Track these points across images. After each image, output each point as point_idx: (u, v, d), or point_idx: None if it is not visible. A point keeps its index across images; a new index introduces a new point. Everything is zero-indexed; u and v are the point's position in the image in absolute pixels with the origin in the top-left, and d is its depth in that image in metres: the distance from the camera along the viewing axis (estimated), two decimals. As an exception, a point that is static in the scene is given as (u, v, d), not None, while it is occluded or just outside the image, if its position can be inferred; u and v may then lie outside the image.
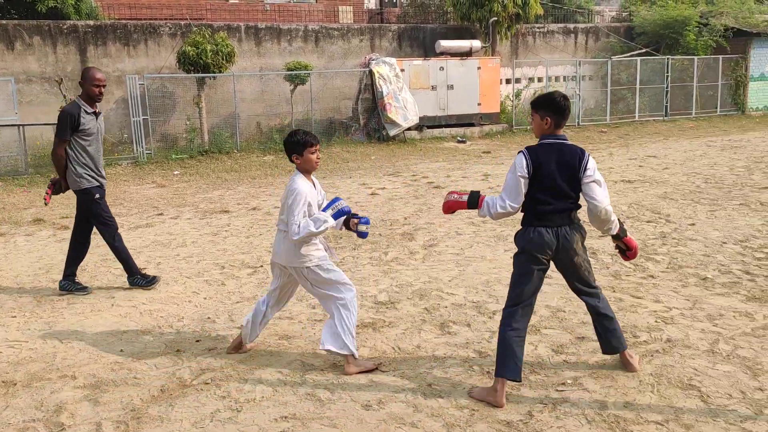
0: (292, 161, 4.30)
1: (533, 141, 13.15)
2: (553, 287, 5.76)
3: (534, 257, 3.91)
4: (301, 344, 4.69)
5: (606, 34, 23.02)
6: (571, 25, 22.85)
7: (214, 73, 15.55)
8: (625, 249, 4.18)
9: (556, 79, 21.35)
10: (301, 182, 4.21)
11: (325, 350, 4.23)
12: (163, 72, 16.56)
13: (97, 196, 5.99)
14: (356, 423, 3.60)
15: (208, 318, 5.30)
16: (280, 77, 17.31)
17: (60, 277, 6.28)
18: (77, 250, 6.16)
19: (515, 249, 4.07)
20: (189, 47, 15.29)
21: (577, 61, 21.00)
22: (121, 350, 4.68)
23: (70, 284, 6.05)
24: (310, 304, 5.52)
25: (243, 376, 4.21)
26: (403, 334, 4.82)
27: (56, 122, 5.88)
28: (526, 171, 3.81)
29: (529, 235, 3.90)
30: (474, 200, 3.96)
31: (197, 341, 4.82)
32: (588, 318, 4.99)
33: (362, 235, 4.43)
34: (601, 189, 3.86)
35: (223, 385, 4.08)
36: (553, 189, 3.83)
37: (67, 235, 8.27)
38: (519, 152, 3.92)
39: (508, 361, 3.76)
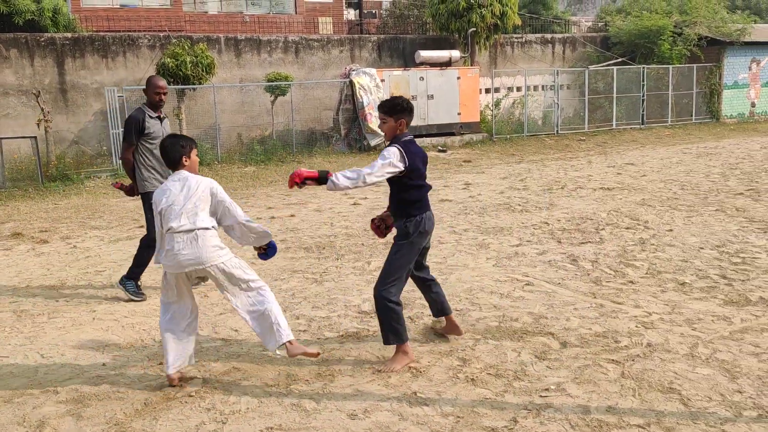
0: (180, 164, 4.26)
1: (513, 149, 13.25)
2: (535, 294, 5.83)
3: (421, 242, 4.41)
4: (286, 355, 4.68)
5: (583, 44, 23.35)
6: (549, 35, 23.15)
7: (194, 84, 15.51)
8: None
9: (535, 88, 21.60)
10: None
11: (278, 350, 4.21)
12: (143, 84, 16.47)
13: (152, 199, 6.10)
14: (342, 432, 3.61)
15: (192, 330, 5.27)
16: (261, 88, 17.32)
17: (39, 290, 6.23)
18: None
19: (497, 257, 4.15)
20: (168, 59, 15.24)
21: (555, 71, 21.27)
22: (104, 364, 4.65)
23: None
24: (293, 315, 5.52)
25: (228, 387, 4.19)
26: (387, 343, 4.83)
27: (123, 128, 6.21)
28: (401, 164, 4.23)
29: (423, 223, 4.38)
30: (324, 177, 4.29)
31: (181, 354, 4.79)
32: (570, 323, 5.06)
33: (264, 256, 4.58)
34: None
35: (207, 398, 4.06)
36: (424, 177, 4.42)
37: (47, 249, 8.20)
38: (392, 145, 4.29)
39: (403, 330, 4.34)
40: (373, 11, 28.16)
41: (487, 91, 20.82)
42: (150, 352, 4.86)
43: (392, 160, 4.21)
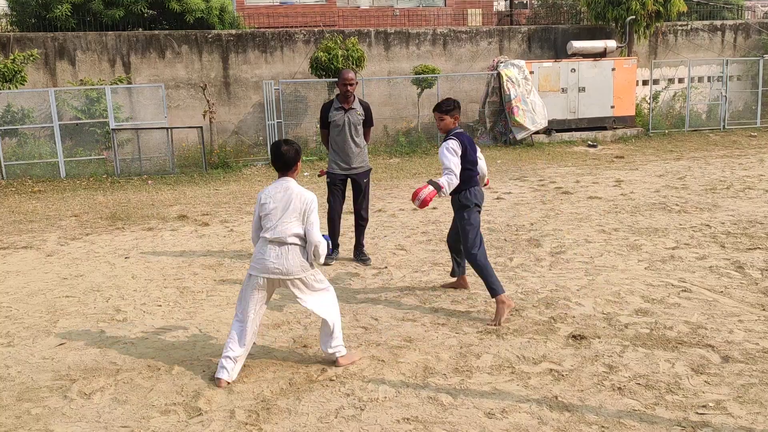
0: (291, 170, 4.32)
1: (672, 145, 12.49)
2: (693, 301, 5.39)
3: (477, 207, 5.37)
4: (423, 347, 4.69)
5: (758, 31, 21.26)
6: (718, 22, 21.32)
7: (344, 77, 15.98)
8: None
9: (700, 79, 19.99)
10: None
11: (329, 352, 4.43)
12: (297, 77, 17.26)
13: (329, 180, 6.98)
14: (478, 431, 3.54)
15: (334, 316, 5.43)
16: (408, 81, 17.50)
17: (199, 269, 6.73)
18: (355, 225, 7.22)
19: (650, 259, 3.87)
20: (321, 53, 15.84)
21: (724, 60, 19.54)
22: (254, 343, 4.90)
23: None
24: (432, 308, 5.52)
25: (366, 375, 4.27)
26: (528, 343, 4.69)
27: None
28: (460, 151, 5.20)
29: (470, 194, 5.31)
30: (436, 185, 5.08)
31: (323, 338, 4.95)
32: (733, 336, 4.65)
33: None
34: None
35: (347, 383, 4.16)
36: (474, 161, 5.36)
37: (208, 231, 8.83)
38: (449, 139, 5.23)
39: (496, 282, 5.18)
40: (524, 1, 27.46)
41: (645, 83, 19.57)
42: (295, 334, 5.07)
43: (457, 150, 5.17)
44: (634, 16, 18.28)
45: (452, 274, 6.05)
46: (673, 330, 4.82)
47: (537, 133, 16.93)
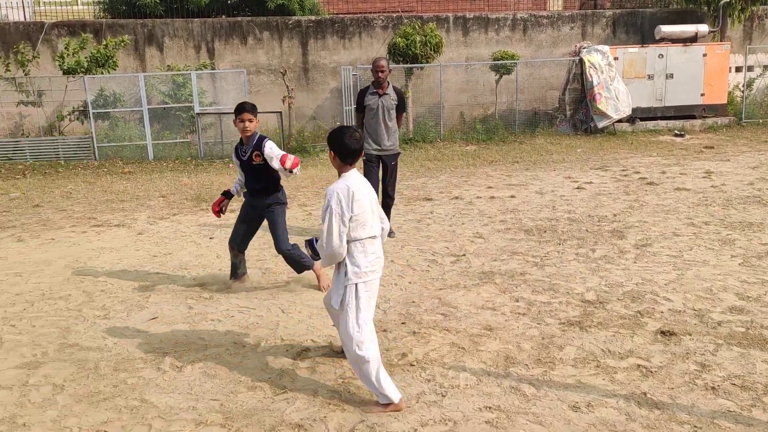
0: (357, 159, 3.81)
1: (767, 135, 11.83)
2: (793, 301, 5.10)
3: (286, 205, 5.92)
4: (504, 336, 4.64)
5: None
6: (822, 5, 19.95)
7: (422, 63, 15.92)
8: None
9: (799, 66, 18.80)
10: None
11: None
12: (375, 63, 17.28)
13: (364, 157, 7.23)
14: (563, 423, 3.48)
15: (413, 302, 5.44)
16: (486, 67, 17.25)
17: (274, 251, 6.91)
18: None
19: (744, 255, 3.68)
20: (399, 38, 15.81)
21: (827, 46, 18.30)
22: (333, 325, 4.97)
23: None
24: (512, 297, 5.44)
25: (446, 362, 4.26)
26: (613, 337, 4.56)
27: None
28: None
29: (284, 193, 5.87)
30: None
31: (402, 324, 4.97)
32: (839, 340, 4.36)
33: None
34: None
35: (428, 369, 4.16)
36: None
37: (287, 214, 9.00)
38: (268, 140, 5.56)
39: (305, 256, 5.62)
40: (609, -15, 26.47)
41: (738, 69, 18.58)
42: (375, 318, 5.08)
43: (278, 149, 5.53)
44: (728, -1, 17.35)
45: (235, 274, 6.02)
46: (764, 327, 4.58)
47: (620, 121, 16.38)
